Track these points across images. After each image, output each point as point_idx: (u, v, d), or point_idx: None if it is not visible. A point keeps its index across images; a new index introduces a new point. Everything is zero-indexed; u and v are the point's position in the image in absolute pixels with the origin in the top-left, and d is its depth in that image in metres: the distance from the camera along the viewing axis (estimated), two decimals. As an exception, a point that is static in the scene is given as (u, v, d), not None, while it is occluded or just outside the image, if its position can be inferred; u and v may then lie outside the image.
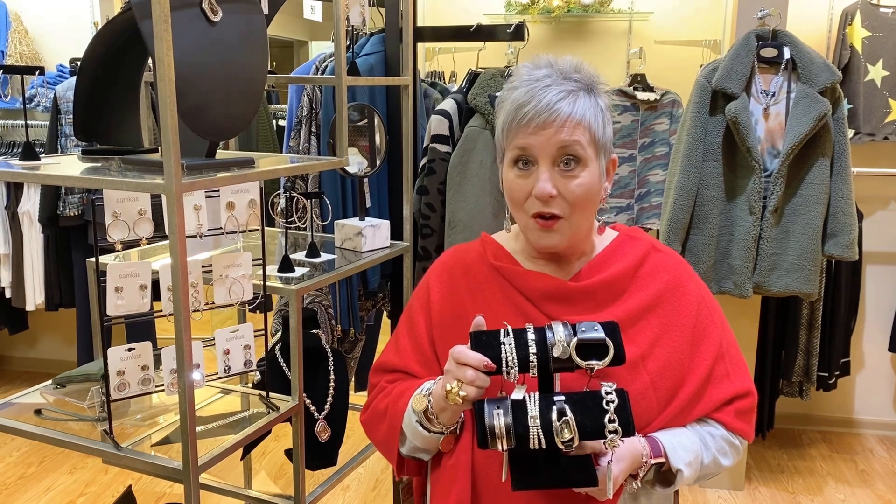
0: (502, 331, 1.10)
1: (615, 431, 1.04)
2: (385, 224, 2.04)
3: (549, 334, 1.09)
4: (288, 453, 1.72)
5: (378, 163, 2.15)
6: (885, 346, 3.47)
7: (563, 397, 1.06)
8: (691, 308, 1.24)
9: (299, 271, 1.71)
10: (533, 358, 1.08)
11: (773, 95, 2.61)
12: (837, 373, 3.24)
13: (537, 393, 1.08)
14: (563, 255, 1.26)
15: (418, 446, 1.25)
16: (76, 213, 3.43)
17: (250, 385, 1.88)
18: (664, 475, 1.19)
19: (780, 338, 3.22)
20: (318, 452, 1.76)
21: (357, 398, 2.02)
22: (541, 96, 1.15)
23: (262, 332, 1.58)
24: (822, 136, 2.56)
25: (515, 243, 1.32)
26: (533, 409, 1.05)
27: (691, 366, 1.22)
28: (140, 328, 2.52)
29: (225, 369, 1.50)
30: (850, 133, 3.03)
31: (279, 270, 1.69)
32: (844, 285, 3.18)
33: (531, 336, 1.09)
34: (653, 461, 1.14)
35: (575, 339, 1.07)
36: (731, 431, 1.24)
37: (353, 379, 2.79)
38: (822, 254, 2.64)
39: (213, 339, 1.49)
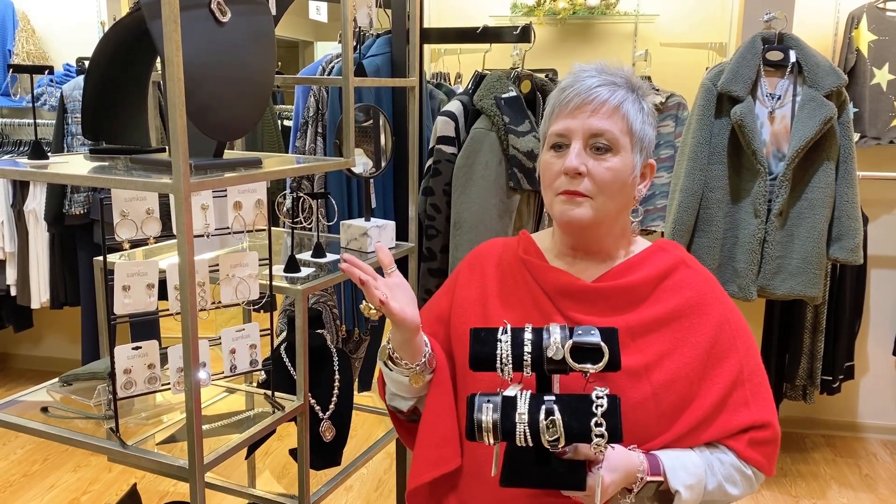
0: (501, 328, 1.12)
1: (601, 436, 1.03)
2: (390, 225, 2.04)
3: (545, 335, 1.10)
4: (292, 453, 1.72)
5: (384, 164, 2.15)
6: (889, 350, 3.47)
7: (553, 397, 1.07)
8: (710, 328, 1.22)
9: (305, 271, 1.71)
10: (527, 357, 1.09)
11: (779, 99, 2.61)
12: (841, 377, 3.24)
13: (529, 391, 1.09)
14: (590, 253, 1.26)
15: (394, 392, 1.31)
16: (81, 212, 3.44)
17: (255, 384, 1.89)
18: (664, 495, 1.17)
19: (784, 341, 3.22)
20: (322, 452, 1.77)
21: (361, 398, 2.03)
22: (584, 80, 1.20)
23: (268, 331, 1.59)
24: (828, 140, 2.56)
25: (548, 241, 1.33)
26: (522, 407, 1.06)
27: (702, 386, 1.19)
28: (144, 327, 2.52)
29: (231, 368, 1.50)
30: (856, 137, 3.02)
31: (285, 270, 1.69)
32: (849, 289, 3.18)
33: (527, 336, 1.10)
34: (649, 478, 1.13)
35: (570, 342, 1.08)
36: (743, 460, 1.21)
37: (357, 379, 2.79)
38: (827, 257, 2.64)
39: (219, 338, 1.49)
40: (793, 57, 2.59)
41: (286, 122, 4.02)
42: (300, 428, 1.64)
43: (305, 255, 1.85)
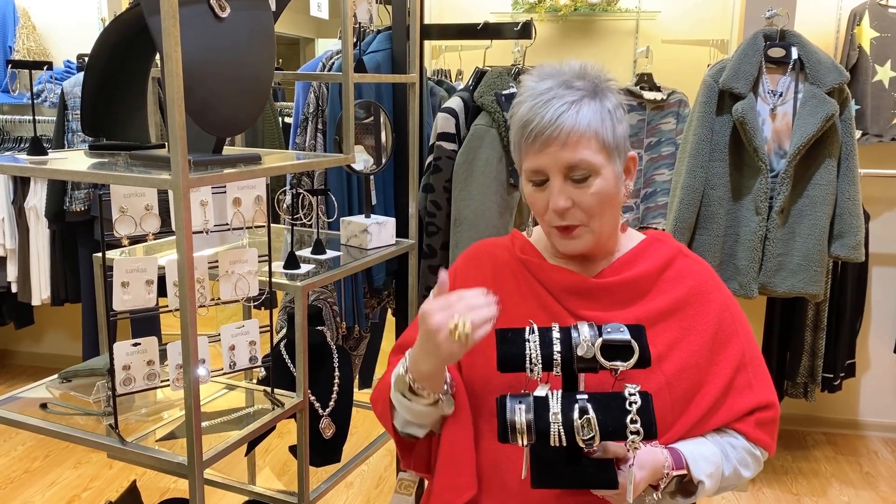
0: (527, 328, 1.10)
1: (637, 433, 1.03)
2: (391, 221, 2.04)
3: (574, 334, 1.08)
4: (292, 450, 1.72)
5: (384, 160, 2.15)
6: (890, 348, 3.46)
7: (585, 396, 1.06)
8: (713, 315, 1.24)
9: (305, 268, 1.71)
10: (557, 356, 1.07)
11: (781, 96, 2.61)
12: (843, 374, 3.23)
13: (560, 391, 1.08)
14: (588, 255, 1.27)
15: (409, 420, 1.23)
16: (82, 209, 3.43)
17: (255, 381, 1.89)
18: (685, 486, 1.18)
19: (785, 339, 3.21)
20: (322, 449, 1.76)
21: (361, 395, 2.02)
22: (543, 112, 1.13)
23: (268, 328, 1.59)
24: (830, 137, 2.55)
25: (543, 240, 1.32)
26: (555, 406, 1.05)
27: (710, 372, 1.21)
28: (145, 323, 2.52)
29: (230, 365, 1.50)
30: (858, 134, 3.01)
31: (285, 267, 1.69)
32: (850, 287, 3.17)
33: (556, 335, 1.09)
34: (674, 473, 1.14)
35: (600, 340, 1.07)
36: (752, 442, 1.24)
37: (357, 376, 2.79)
38: (829, 255, 2.63)
39: (219, 334, 1.49)
40: (794, 54, 2.59)
41: (287, 119, 4.01)
42: (300, 425, 1.64)
43: (305, 252, 1.85)
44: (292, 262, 1.70)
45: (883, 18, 3.13)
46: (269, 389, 1.63)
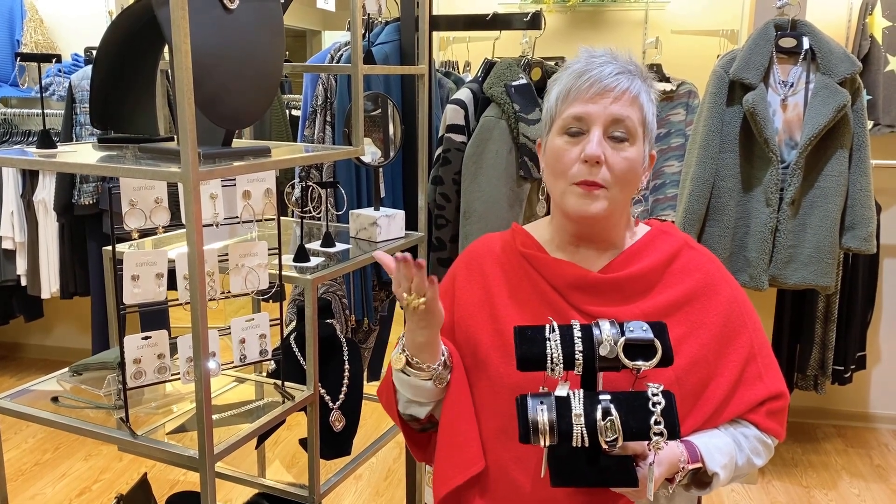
0: (547, 326, 1.09)
1: (660, 434, 1.02)
2: (400, 214, 2.03)
3: (595, 332, 1.07)
4: (302, 443, 1.72)
5: (393, 153, 2.14)
6: (901, 340, 3.45)
7: (608, 396, 1.04)
8: (721, 308, 1.23)
9: (314, 261, 1.71)
10: (579, 356, 1.06)
11: (792, 86, 2.59)
12: (853, 367, 3.22)
13: (582, 391, 1.06)
14: (594, 242, 1.25)
15: (410, 399, 1.26)
16: (91, 202, 3.44)
17: (265, 374, 1.88)
18: (700, 478, 1.19)
19: (795, 331, 3.20)
20: (332, 442, 1.76)
21: (370, 388, 2.02)
22: (603, 68, 1.18)
23: (278, 321, 1.59)
24: (841, 128, 2.53)
25: (545, 232, 1.31)
26: (577, 407, 1.03)
27: (719, 365, 1.21)
28: (154, 317, 2.52)
29: (241, 358, 1.50)
30: (870, 124, 2.99)
31: (294, 260, 1.68)
32: (861, 278, 3.15)
33: (577, 333, 1.07)
34: (690, 466, 1.14)
35: (622, 339, 1.05)
36: (763, 431, 1.24)
37: (366, 369, 2.79)
38: (840, 246, 2.62)
39: (229, 327, 1.49)
40: (806, 44, 2.56)
41: (294, 112, 4.01)
42: (310, 418, 1.64)
43: (315, 245, 1.84)
44: (302, 254, 1.69)
45: (895, 8, 3.10)
46: (279, 382, 1.63)
